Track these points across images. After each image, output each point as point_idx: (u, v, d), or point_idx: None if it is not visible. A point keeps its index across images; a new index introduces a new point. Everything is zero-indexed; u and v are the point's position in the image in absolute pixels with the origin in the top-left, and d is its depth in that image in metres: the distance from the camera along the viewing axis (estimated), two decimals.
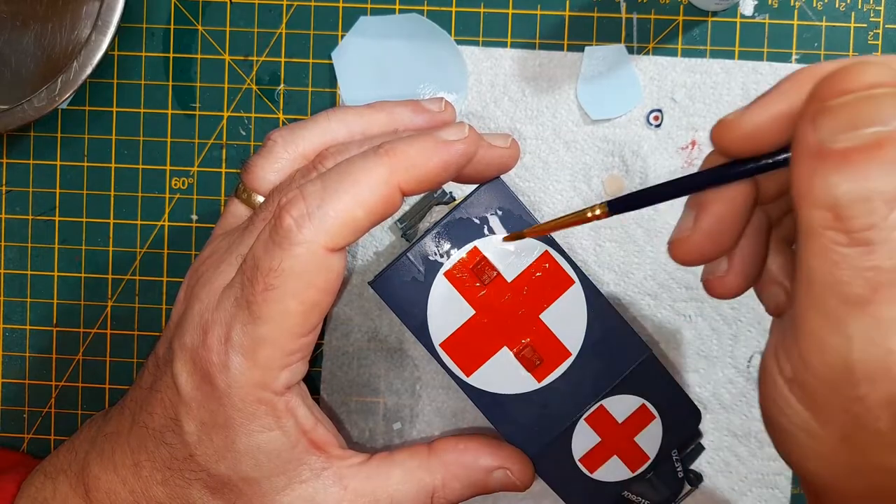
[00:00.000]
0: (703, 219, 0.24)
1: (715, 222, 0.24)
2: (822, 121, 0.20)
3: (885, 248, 0.20)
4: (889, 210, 0.20)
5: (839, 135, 0.20)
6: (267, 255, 0.27)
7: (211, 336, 0.28)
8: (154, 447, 0.29)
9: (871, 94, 0.20)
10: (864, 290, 0.20)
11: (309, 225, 0.27)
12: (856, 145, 0.19)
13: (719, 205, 0.24)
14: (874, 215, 0.20)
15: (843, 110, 0.20)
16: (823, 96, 0.20)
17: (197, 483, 0.29)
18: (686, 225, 0.25)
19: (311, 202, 0.27)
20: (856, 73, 0.20)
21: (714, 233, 0.24)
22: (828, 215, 0.20)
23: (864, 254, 0.20)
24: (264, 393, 0.28)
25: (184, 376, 0.28)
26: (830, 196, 0.20)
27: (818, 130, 0.20)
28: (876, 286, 0.20)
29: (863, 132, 0.19)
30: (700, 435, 0.34)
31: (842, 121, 0.20)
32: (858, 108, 0.20)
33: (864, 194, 0.20)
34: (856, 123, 0.20)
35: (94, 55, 0.36)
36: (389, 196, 0.27)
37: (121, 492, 0.30)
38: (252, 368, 0.28)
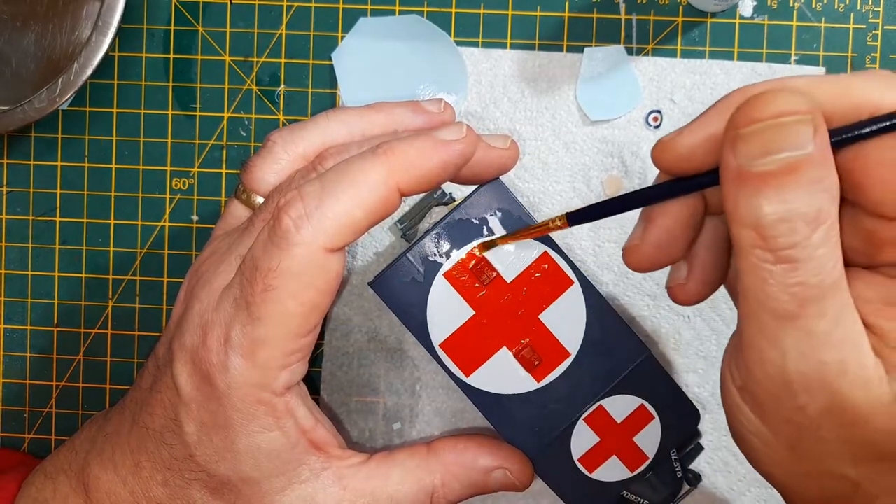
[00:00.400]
0: (651, 230, 0.26)
1: (661, 233, 0.25)
2: (738, 147, 0.21)
3: (808, 266, 0.21)
4: (811, 230, 0.21)
5: (754, 160, 0.21)
6: (266, 255, 0.27)
7: (210, 337, 0.28)
8: (154, 447, 0.29)
9: (779, 123, 0.21)
10: (792, 305, 0.21)
11: (307, 225, 0.27)
12: (771, 169, 0.20)
13: (665, 218, 0.25)
14: (796, 235, 0.21)
15: (755, 137, 0.21)
16: (737, 124, 0.21)
17: (197, 483, 0.29)
18: (636, 235, 0.26)
19: (310, 203, 0.27)
20: (764, 102, 0.21)
21: (661, 243, 0.26)
22: (754, 234, 0.21)
23: (790, 271, 0.21)
24: (264, 393, 0.28)
25: (183, 377, 0.28)
26: (754, 217, 0.21)
27: (737, 155, 0.21)
28: (802, 301, 0.21)
29: (775, 157, 0.20)
30: (699, 435, 0.34)
31: (755, 147, 0.21)
32: (768, 135, 0.21)
33: (784, 215, 0.21)
34: (768, 150, 0.21)
35: (94, 56, 0.36)
36: (388, 196, 0.28)
37: (121, 492, 0.30)
38: (251, 369, 0.28)
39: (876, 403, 0.21)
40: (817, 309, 0.21)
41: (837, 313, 0.21)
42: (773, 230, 0.21)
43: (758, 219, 0.21)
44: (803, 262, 0.21)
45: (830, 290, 0.21)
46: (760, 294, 0.21)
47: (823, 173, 0.21)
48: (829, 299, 0.21)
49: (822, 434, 0.22)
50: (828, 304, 0.21)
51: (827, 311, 0.21)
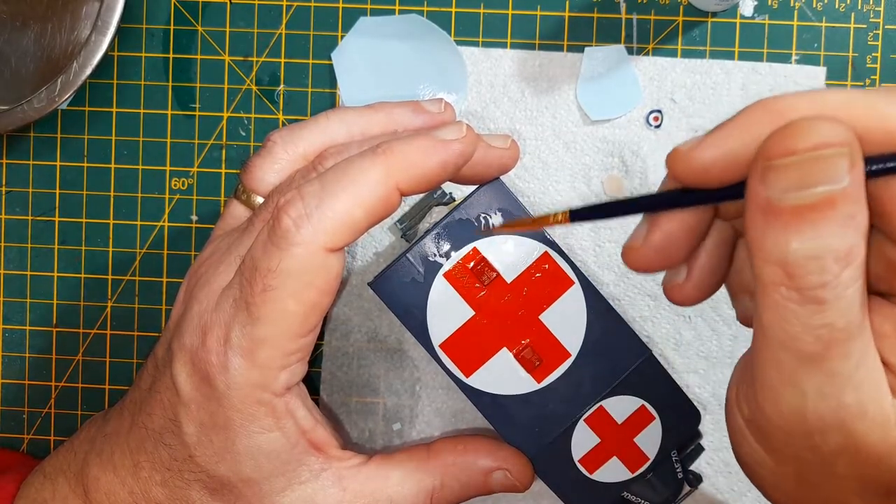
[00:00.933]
0: (654, 234, 0.24)
1: (664, 238, 0.24)
2: (770, 179, 0.20)
3: (837, 307, 0.20)
4: (841, 268, 0.19)
5: (788, 193, 0.19)
6: (265, 255, 0.27)
7: (210, 337, 0.28)
8: (153, 448, 0.29)
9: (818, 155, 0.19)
10: (817, 347, 0.20)
11: (307, 225, 0.27)
12: (805, 204, 0.19)
13: (669, 223, 0.24)
14: (826, 274, 0.19)
15: (791, 170, 0.19)
16: (770, 154, 0.20)
17: (196, 484, 0.29)
18: (638, 236, 0.25)
19: (310, 202, 0.27)
20: (802, 132, 0.19)
21: (662, 248, 0.24)
22: (779, 271, 0.20)
23: (816, 312, 0.20)
24: (264, 394, 0.28)
25: (183, 377, 0.28)
26: (781, 253, 0.20)
27: (767, 188, 0.20)
28: (828, 343, 0.20)
29: (811, 191, 0.19)
30: (700, 435, 0.34)
31: (790, 180, 0.19)
32: (806, 168, 0.19)
33: (815, 253, 0.19)
34: (804, 183, 0.19)
35: (93, 56, 0.36)
36: (388, 196, 0.27)
37: (120, 492, 0.30)
38: (251, 369, 0.28)
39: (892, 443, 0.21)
40: (843, 351, 0.20)
41: (862, 354, 0.20)
42: (802, 268, 0.19)
43: (785, 255, 0.20)
44: (831, 303, 0.20)
45: (857, 331, 0.20)
46: (782, 334, 0.20)
47: (857, 208, 0.20)
48: (855, 341, 0.20)
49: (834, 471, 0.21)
50: (853, 346, 0.20)
51: (852, 352, 0.20)
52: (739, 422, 0.23)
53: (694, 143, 0.22)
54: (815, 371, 0.20)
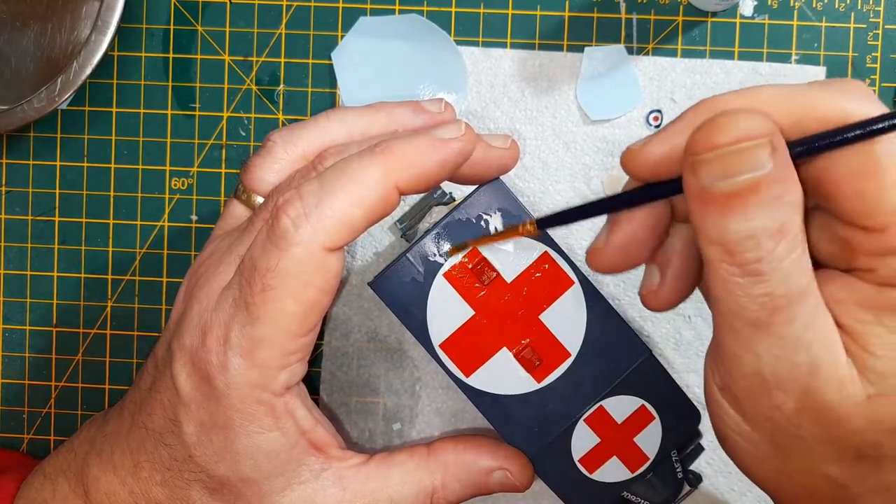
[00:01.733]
0: (614, 234, 0.26)
1: (624, 238, 0.26)
2: (698, 171, 0.21)
3: (775, 277, 0.21)
4: (775, 243, 0.21)
5: (716, 182, 0.21)
6: (264, 255, 0.27)
7: (210, 337, 0.28)
8: (153, 448, 0.29)
9: (737, 149, 0.21)
10: (762, 314, 0.22)
11: (306, 225, 0.27)
12: (732, 191, 0.21)
13: (629, 223, 0.26)
14: (760, 249, 0.21)
15: (714, 163, 0.21)
16: (696, 150, 0.21)
17: (196, 484, 0.29)
18: (601, 238, 0.26)
19: (309, 202, 0.27)
20: (721, 127, 0.21)
21: (623, 248, 0.26)
22: (720, 250, 0.22)
23: (757, 283, 0.22)
24: (263, 394, 0.28)
25: (183, 377, 0.28)
26: (719, 234, 0.22)
27: (698, 178, 0.21)
28: (772, 310, 0.22)
29: (735, 180, 0.21)
30: (700, 435, 0.34)
31: (715, 172, 0.21)
32: (727, 160, 0.21)
33: (747, 232, 0.21)
34: (727, 174, 0.21)
35: (93, 55, 0.36)
36: (387, 195, 0.27)
37: (120, 492, 0.30)
38: (251, 369, 0.28)
39: (849, 403, 0.22)
40: (786, 315, 0.22)
41: (807, 317, 0.22)
42: (739, 246, 0.21)
43: (723, 235, 0.21)
44: (769, 274, 0.21)
45: (798, 297, 0.22)
46: (731, 304, 0.22)
47: (784, 188, 0.21)
48: (797, 306, 0.22)
49: (801, 433, 0.23)
50: (796, 311, 0.22)
51: (796, 316, 0.22)
52: (715, 392, 0.25)
53: (644, 141, 0.24)
54: (764, 335, 0.22)
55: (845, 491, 0.23)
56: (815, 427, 0.22)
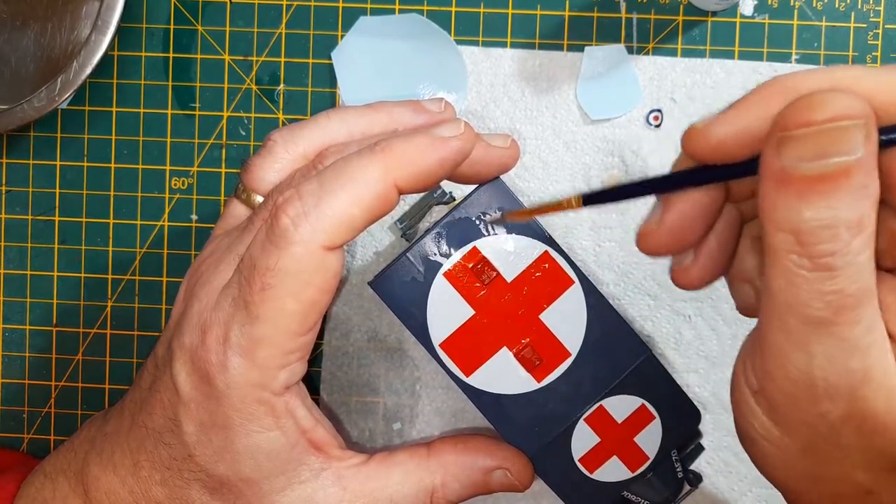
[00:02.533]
0: (668, 216, 0.25)
1: (678, 220, 0.25)
2: (786, 149, 0.20)
3: (847, 273, 0.20)
4: (851, 236, 0.20)
5: (802, 163, 0.20)
6: (264, 254, 0.27)
7: (209, 336, 0.28)
8: (153, 447, 0.29)
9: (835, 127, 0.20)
10: (826, 312, 0.20)
11: (306, 224, 0.27)
12: (819, 173, 0.20)
13: (684, 204, 0.24)
14: (837, 242, 0.20)
15: (808, 140, 0.20)
16: (787, 125, 0.20)
17: (196, 483, 0.29)
18: (653, 219, 0.25)
19: (308, 201, 0.27)
20: (819, 103, 0.20)
21: (677, 230, 0.25)
22: (791, 239, 0.20)
23: (827, 278, 0.20)
24: (263, 393, 0.28)
25: (182, 376, 0.28)
26: (793, 221, 0.20)
27: (782, 157, 0.20)
28: (838, 309, 0.20)
29: (826, 162, 0.20)
30: (700, 435, 0.34)
31: (806, 150, 0.20)
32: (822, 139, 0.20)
33: (827, 222, 0.20)
34: (819, 154, 0.20)
35: (93, 55, 0.36)
36: (386, 194, 0.27)
37: (120, 492, 0.30)
38: (251, 369, 0.28)
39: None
40: (852, 317, 0.20)
41: (871, 320, 0.21)
42: (814, 236, 0.20)
43: (798, 223, 0.20)
44: (842, 270, 0.20)
45: (866, 298, 0.20)
46: (792, 300, 0.21)
47: (869, 179, 0.20)
48: (864, 307, 0.20)
49: (840, 440, 0.22)
50: (863, 313, 0.20)
51: (861, 319, 0.20)
52: (747, 395, 0.23)
53: (709, 120, 0.23)
54: (824, 336, 0.21)
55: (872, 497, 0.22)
56: (857, 436, 0.21)
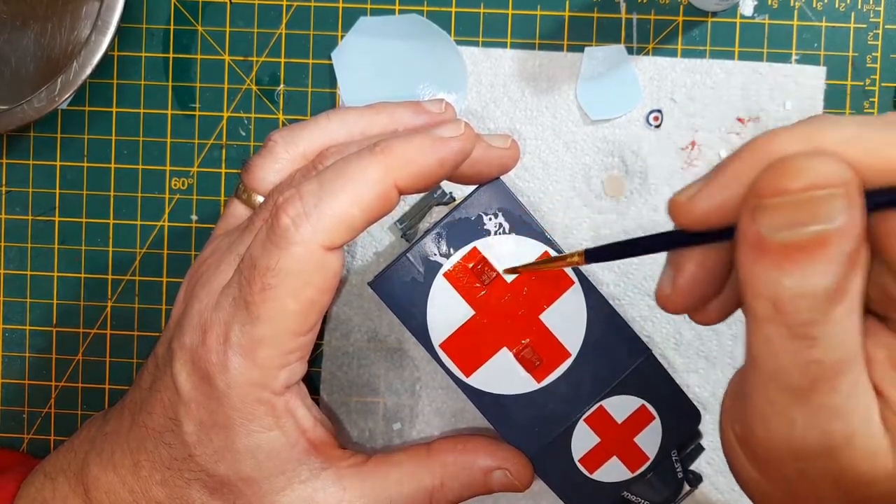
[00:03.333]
0: (679, 278, 0.24)
1: (689, 281, 0.24)
2: (760, 217, 0.19)
3: (826, 343, 0.19)
4: (831, 306, 0.19)
5: (778, 232, 0.19)
6: (264, 254, 0.27)
7: (210, 336, 0.28)
8: (153, 447, 0.29)
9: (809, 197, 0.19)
10: (805, 381, 0.20)
11: (306, 224, 0.27)
12: (795, 242, 0.19)
13: (690, 266, 0.24)
14: (815, 311, 0.19)
15: (781, 210, 0.19)
16: (762, 193, 0.19)
17: (196, 483, 0.29)
18: (666, 282, 0.25)
19: (308, 201, 0.27)
20: (795, 171, 0.19)
21: (690, 290, 0.24)
22: (770, 307, 0.19)
23: (806, 347, 0.19)
24: (263, 393, 0.28)
25: (183, 376, 0.28)
26: (771, 290, 0.19)
27: (757, 224, 0.19)
28: (816, 379, 0.20)
29: (802, 231, 0.19)
30: (700, 435, 0.34)
31: (780, 219, 0.19)
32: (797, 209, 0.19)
33: (805, 290, 0.19)
34: (793, 223, 0.19)
35: (93, 55, 0.36)
36: (386, 194, 0.27)
37: (120, 492, 0.30)
38: (251, 368, 0.28)
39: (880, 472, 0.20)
40: (831, 386, 0.20)
41: (851, 387, 0.20)
42: (792, 305, 0.19)
43: (776, 292, 0.19)
44: (821, 340, 0.19)
45: (846, 367, 0.20)
46: (771, 366, 0.20)
47: (853, 245, 0.19)
48: (844, 374, 0.20)
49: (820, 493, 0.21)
50: (843, 381, 0.20)
51: (841, 387, 0.20)
52: (731, 439, 0.23)
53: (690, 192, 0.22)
54: (803, 403, 0.20)
55: None
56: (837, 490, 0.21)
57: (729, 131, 0.38)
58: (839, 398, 0.20)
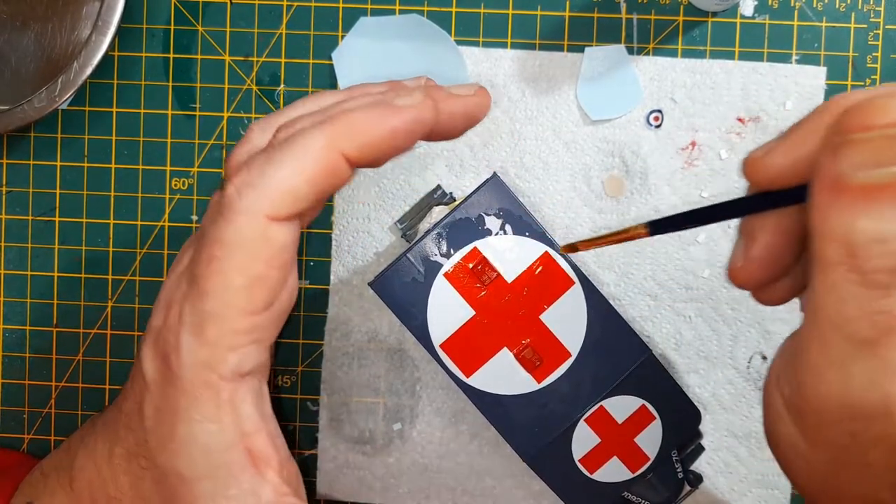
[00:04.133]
0: (753, 249, 0.23)
1: (764, 251, 0.23)
2: (843, 154, 0.19)
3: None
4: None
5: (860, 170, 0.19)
6: (212, 226, 0.26)
7: (171, 315, 0.27)
8: (124, 433, 0.29)
9: None
10: (872, 332, 0.19)
11: (250, 193, 0.26)
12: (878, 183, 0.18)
13: (765, 235, 0.23)
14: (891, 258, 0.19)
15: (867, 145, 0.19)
16: (848, 128, 0.19)
17: (147, 473, 0.28)
18: (738, 254, 0.24)
19: (254, 172, 0.26)
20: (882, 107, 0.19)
21: (764, 261, 0.23)
22: (842, 251, 0.19)
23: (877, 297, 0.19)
24: (211, 375, 0.26)
25: (148, 359, 0.28)
26: (846, 232, 0.19)
27: (838, 163, 0.19)
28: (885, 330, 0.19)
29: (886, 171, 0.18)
30: (700, 435, 0.34)
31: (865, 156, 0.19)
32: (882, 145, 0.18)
33: (883, 235, 0.18)
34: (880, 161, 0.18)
35: (94, 55, 0.36)
36: (332, 164, 0.26)
37: (96, 480, 0.29)
38: (201, 347, 0.26)
39: None
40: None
41: None
42: (867, 250, 0.19)
43: (850, 235, 0.19)
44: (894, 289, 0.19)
45: None
46: (836, 316, 0.19)
47: None
48: None
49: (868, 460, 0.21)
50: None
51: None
52: (778, 402, 0.23)
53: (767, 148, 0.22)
54: (867, 357, 0.19)
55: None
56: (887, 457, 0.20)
57: (729, 131, 0.38)
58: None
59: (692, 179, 0.38)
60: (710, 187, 0.38)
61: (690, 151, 0.38)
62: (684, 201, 0.38)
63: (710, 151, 0.38)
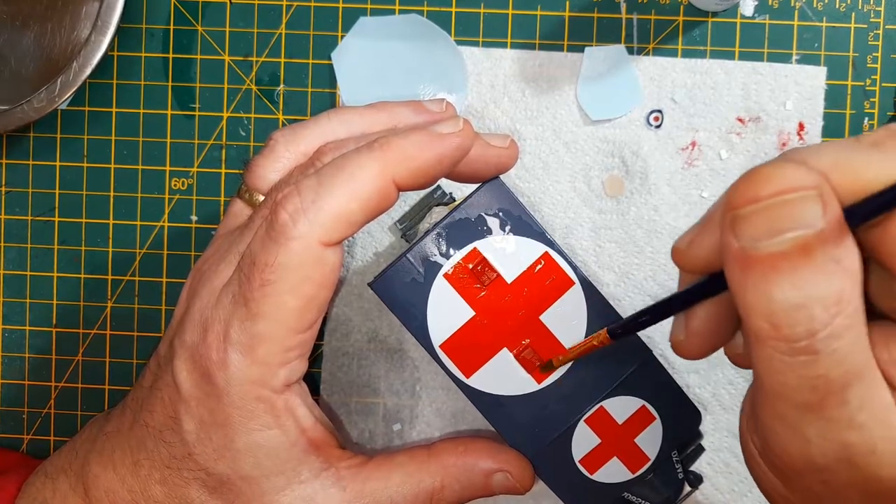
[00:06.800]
0: (692, 323, 0.24)
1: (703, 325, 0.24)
2: (739, 229, 0.19)
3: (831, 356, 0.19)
4: (830, 316, 0.18)
5: (759, 242, 0.19)
6: (263, 250, 0.27)
7: (210, 334, 0.28)
8: (153, 446, 0.29)
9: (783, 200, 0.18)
10: (814, 397, 0.19)
11: (304, 219, 0.27)
12: (778, 251, 0.18)
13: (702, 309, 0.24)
14: (814, 322, 0.18)
15: (757, 217, 0.19)
16: (736, 204, 0.19)
17: (195, 482, 0.29)
18: (679, 327, 0.25)
19: (307, 197, 0.27)
20: (764, 178, 0.19)
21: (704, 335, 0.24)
22: (766, 324, 0.19)
23: (810, 363, 0.19)
24: (263, 390, 0.28)
25: (184, 374, 0.28)
26: (765, 305, 0.19)
27: (738, 238, 0.19)
28: (825, 393, 0.19)
29: (782, 238, 0.18)
30: (700, 436, 0.34)
31: (759, 228, 0.19)
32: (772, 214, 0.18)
33: (799, 301, 0.18)
34: (772, 230, 0.18)
35: (93, 55, 0.36)
36: (384, 190, 0.27)
37: (119, 490, 0.30)
38: (251, 366, 0.28)
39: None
40: (840, 399, 0.19)
41: (863, 397, 0.19)
42: (789, 318, 0.18)
43: (769, 306, 0.19)
44: (825, 353, 0.19)
45: (854, 378, 0.19)
46: (777, 386, 0.20)
47: (840, 252, 0.18)
48: (853, 387, 0.19)
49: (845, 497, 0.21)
50: (852, 393, 0.19)
51: (851, 399, 0.19)
52: (752, 449, 0.23)
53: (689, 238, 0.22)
54: (816, 419, 0.20)
55: None
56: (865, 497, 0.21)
57: (729, 131, 0.38)
58: (852, 410, 0.19)
59: (692, 179, 0.38)
60: (710, 187, 0.38)
61: (690, 151, 0.38)
62: (684, 201, 0.38)
63: (711, 151, 0.38)
